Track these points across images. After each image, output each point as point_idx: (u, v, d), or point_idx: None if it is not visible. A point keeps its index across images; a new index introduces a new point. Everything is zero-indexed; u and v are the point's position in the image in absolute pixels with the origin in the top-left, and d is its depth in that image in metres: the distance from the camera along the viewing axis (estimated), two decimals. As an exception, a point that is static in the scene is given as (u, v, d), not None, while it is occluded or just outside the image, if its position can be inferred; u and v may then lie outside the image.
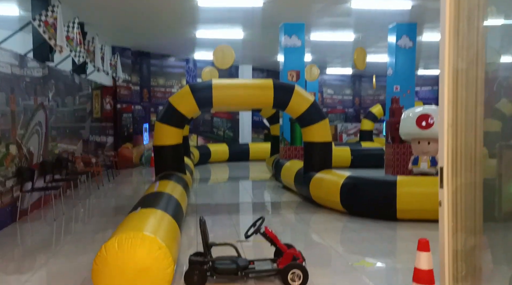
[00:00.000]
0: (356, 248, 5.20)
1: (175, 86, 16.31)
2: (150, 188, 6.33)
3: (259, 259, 4.35)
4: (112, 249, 3.42)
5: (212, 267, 4.04)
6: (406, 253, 5.00)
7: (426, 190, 6.24)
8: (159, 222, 4.13)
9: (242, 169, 14.42)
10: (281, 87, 7.78)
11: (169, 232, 4.04)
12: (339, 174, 7.15)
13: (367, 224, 6.30)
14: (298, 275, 3.89)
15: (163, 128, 7.72)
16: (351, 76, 21.26)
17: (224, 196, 9.31)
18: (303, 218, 6.86)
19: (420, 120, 7.38)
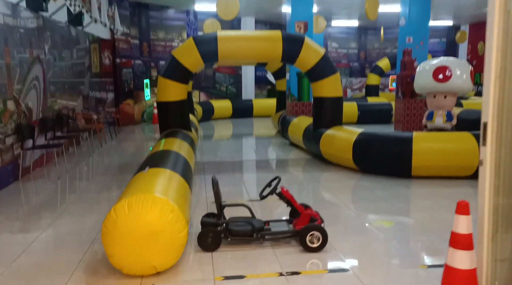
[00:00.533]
0: (372, 207, 5.02)
1: (175, 39, 15.73)
2: (156, 146, 6.08)
3: (274, 220, 4.17)
4: (122, 211, 3.20)
5: (226, 228, 3.85)
6: (423, 211, 4.82)
7: (442, 146, 6.00)
8: (169, 182, 3.89)
9: (246, 125, 14.15)
10: (290, 39, 7.35)
11: (180, 193, 3.81)
12: (351, 130, 6.88)
13: (380, 181, 6.10)
14: (317, 237, 3.71)
15: (167, 83, 7.37)
16: (357, 29, 20.53)
17: (230, 153, 9.09)
18: (313, 176, 6.66)
19: (437, 73, 7.02)
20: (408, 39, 9.84)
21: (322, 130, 7.37)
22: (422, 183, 6.00)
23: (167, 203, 3.29)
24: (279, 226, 4.02)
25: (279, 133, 11.58)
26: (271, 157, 8.45)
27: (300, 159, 8.00)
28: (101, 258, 3.67)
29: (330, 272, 3.33)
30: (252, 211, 4.19)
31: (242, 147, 10.12)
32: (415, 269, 3.37)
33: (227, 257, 3.67)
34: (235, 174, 6.99)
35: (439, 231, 4.16)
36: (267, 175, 6.75)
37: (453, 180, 6.07)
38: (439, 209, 4.89)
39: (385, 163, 6.28)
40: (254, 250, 3.79)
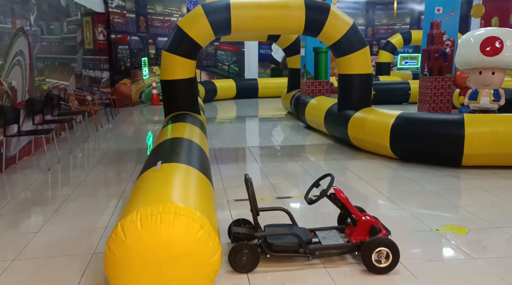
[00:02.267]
0: (427, 205, 4.15)
1: (174, 14, 14.62)
2: (163, 132, 5.16)
3: (321, 228, 3.30)
4: (133, 229, 2.31)
5: (266, 242, 2.98)
6: (493, 209, 3.95)
7: (500, 130, 5.12)
8: (189, 183, 2.99)
9: (252, 106, 13.20)
10: (314, 7, 6.36)
11: (205, 197, 2.92)
12: (387, 112, 5.97)
13: (425, 172, 5.23)
14: (385, 255, 2.84)
15: (172, 59, 6.39)
16: (365, 3, 19.41)
17: (241, 138, 8.19)
18: (342, 165, 5.78)
19: (485, 45, 6.10)
20: (437, 10, 8.85)
21: (350, 113, 6.45)
22: (475, 173, 5.14)
23: (195, 215, 2.39)
24: (331, 237, 3.15)
25: (290, 115, 10.66)
26: (287, 142, 7.55)
27: (322, 144, 7.11)
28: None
29: (414, 307, 2.48)
30: (292, 216, 3.32)
31: (252, 130, 9.21)
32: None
33: (268, 280, 2.80)
34: (251, 162, 6.10)
35: (528, 239, 3.32)
36: (290, 165, 5.87)
37: (508, 170, 5.22)
38: (509, 206, 4.04)
39: (430, 151, 5.40)
40: (302, 270, 2.93)
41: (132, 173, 5.51)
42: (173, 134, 4.74)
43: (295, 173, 5.49)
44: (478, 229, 3.56)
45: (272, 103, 13.24)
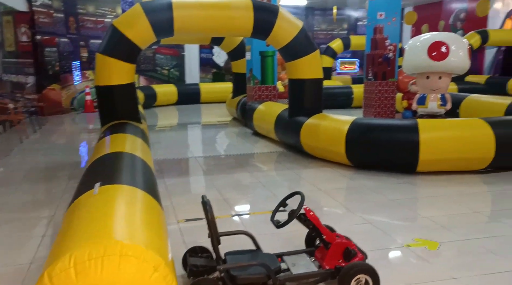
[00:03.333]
0: (394, 217, 3.93)
1: (108, 15, 13.74)
2: (100, 146, 4.54)
3: (289, 253, 2.92)
4: (65, 280, 1.79)
5: (229, 275, 2.55)
6: (461, 218, 3.80)
7: (453, 134, 5.07)
8: (135, 211, 2.48)
9: (195, 112, 12.66)
10: (263, 8, 6.03)
11: (156, 226, 2.42)
12: (341, 119, 5.75)
13: (383, 180, 5.06)
14: (365, 282, 2.52)
15: (109, 62, 5.76)
16: (305, 9, 19.55)
17: (186, 147, 7.67)
18: (297, 174, 5.48)
19: (432, 50, 6.08)
20: (380, 15, 8.87)
21: (302, 119, 6.18)
22: (431, 179, 5.04)
23: (146, 255, 1.91)
24: (301, 263, 2.78)
25: (236, 121, 10.28)
26: (236, 150, 7.14)
27: (272, 152, 6.78)
28: None
29: None
30: (256, 241, 2.92)
31: (197, 138, 8.71)
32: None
33: (236, 323, 2.37)
34: (199, 175, 5.63)
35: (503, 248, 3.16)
36: (242, 176, 5.47)
37: (463, 175, 5.18)
38: (475, 215, 3.92)
39: (386, 157, 5.24)
40: (272, 305, 2.53)
41: (63, 193, 4.83)
42: (112, 148, 4.15)
43: (248, 185, 5.10)
44: (449, 243, 3.36)
45: (216, 109, 12.79)
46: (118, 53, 5.75)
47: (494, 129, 5.04)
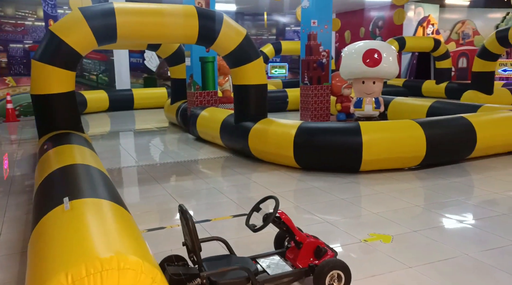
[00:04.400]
0: (347, 215, 4.20)
1: (29, 17, 12.95)
2: (46, 160, 4.33)
3: (261, 255, 3.04)
4: (64, 299, 1.76)
5: (210, 281, 2.60)
6: (407, 214, 4.16)
7: (391, 135, 5.50)
8: (118, 224, 2.46)
9: (130, 119, 12.31)
10: (207, 15, 6.10)
11: (139, 238, 2.42)
12: (288, 123, 5.98)
13: (331, 180, 5.35)
14: (338, 277, 2.71)
15: (47, 70, 5.50)
16: (235, 14, 19.79)
17: (128, 155, 7.48)
18: (248, 178, 5.61)
19: (366, 57, 6.54)
20: (313, 23, 9.31)
21: (249, 124, 6.33)
22: (373, 178, 5.42)
23: (143, 267, 1.93)
24: (275, 265, 2.91)
25: (174, 127, 10.19)
26: (181, 156, 7.11)
27: (219, 158, 6.85)
28: None
29: (381, 331, 2.37)
30: (230, 246, 3.00)
31: (139, 145, 8.50)
32: (472, 304, 2.61)
33: (222, 327, 2.44)
34: (150, 184, 5.55)
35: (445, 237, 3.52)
36: (195, 182, 5.49)
37: (399, 173, 5.63)
38: (416, 208, 4.31)
39: (332, 158, 5.55)
40: (252, 307, 2.63)
41: (4, 211, 4.53)
42: (62, 161, 3.99)
43: (203, 192, 5.13)
44: (400, 235, 3.68)
45: (152, 115, 12.55)
46: (56, 60, 5.52)
47: (424, 130, 5.55)
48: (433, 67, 16.50)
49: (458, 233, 3.74)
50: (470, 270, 3.05)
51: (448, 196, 4.70)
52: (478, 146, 5.86)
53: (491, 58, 11.06)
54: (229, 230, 3.90)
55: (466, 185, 5.13)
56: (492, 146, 6.11)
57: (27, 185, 5.60)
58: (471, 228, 3.83)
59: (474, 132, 5.82)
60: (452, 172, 5.61)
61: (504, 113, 6.43)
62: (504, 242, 3.51)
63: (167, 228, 3.99)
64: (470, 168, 5.83)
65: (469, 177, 5.50)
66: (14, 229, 4.04)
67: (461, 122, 5.93)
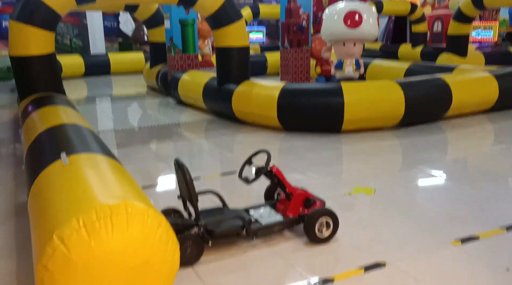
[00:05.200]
0: (332, 172, 4.38)
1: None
2: (30, 122, 4.31)
3: (253, 207, 3.19)
4: (77, 241, 1.86)
5: (207, 230, 2.74)
6: (385, 168, 4.38)
7: (372, 96, 5.66)
8: (119, 175, 2.55)
9: (107, 84, 12.11)
10: (188, -25, 6.00)
11: (135, 186, 2.52)
12: (270, 85, 6.06)
13: (314, 140, 5.50)
14: (326, 224, 2.90)
15: (25, 30, 5.35)
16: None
17: (110, 120, 7.45)
18: (233, 139, 5.73)
19: (347, 18, 6.60)
20: (293, -15, 9.25)
21: (232, 87, 6.37)
22: (354, 137, 5.60)
23: (150, 212, 2.05)
24: (267, 215, 3.07)
25: (154, 91, 10.11)
26: (165, 120, 7.14)
27: (203, 120, 6.92)
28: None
29: (367, 271, 2.56)
30: (223, 199, 3.14)
31: (118, 110, 8.44)
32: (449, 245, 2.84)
33: (220, 272, 2.60)
34: (136, 146, 5.60)
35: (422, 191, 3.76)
36: (181, 144, 5.57)
37: (378, 132, 5.84)
38: (395, 165, 4.54)
39: (315, 119, 5.69)
40: (246, 253, 2.79)
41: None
42: (50, 122, 3.98)
43: (188, 152, 5.23)
44: (381, 189, 3.88)
45: (130, 80, 12.37)
46: (35, 20, 5.37)
47: (403, 90, 5.72)
48: (409, 31, 16.66)
49: (434, 186, 3.98)
50: (445, 215, 3.29)
51: (426, 153, 4.94)
52: (453, 105, 6.10)
53: (466, 20, 11.26)
54: (218, 187, 4.02)
55: (442, 142, 5.39)
56: (467, 105, 6.37)
57: (10, 149, 5.57)
58: (447, 182, 4.07)
59: (450, 92, 6.04)
60: (429, 130, 5.85)
61: (478, 74, 6.67)
62: (476, 192, 3.76)
63: (158, 186, 4.09)
64: (446, 127, 6.08)
65: (445, 135, 5.75)
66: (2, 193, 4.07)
67: (438, 82, 6.13)
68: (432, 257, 2.68)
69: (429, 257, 2.68)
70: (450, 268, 2.57)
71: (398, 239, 2.93)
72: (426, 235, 2.97)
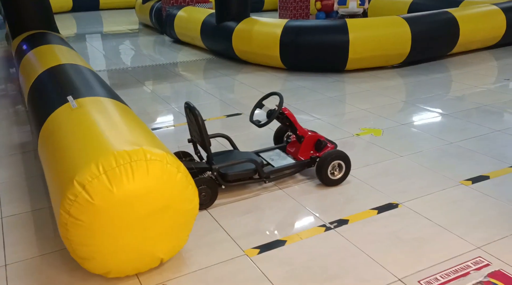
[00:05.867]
0: (338, 113, 4.34)
1: None
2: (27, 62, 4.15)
3: (264, 150, 3.17)
4: (99, 186, 1.83)
5: (220, 174, 2.74)
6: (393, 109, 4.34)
7: (378, 33, 5.49)
8: (132, 119, 2.48)
9: (97, 20, 11.63)
10: None
11: (150, 131, 2.47)
12: (272, 22, 5.83)
13: (317, 80, 5.41)
14: (339, 167, 2.90)
15: (11, -38, 5.01)
16: None
17: (101, 59, 7.22)
18: (236, 79, 5.60)
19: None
20: None
21: (232, 25, 6.14)
22: (358, 76, 5.51)
23: (168, 158, 2.01)
24: (278, 158, 3.06)
25: (148, 28, 9.76)
26: (162, 59, 6.93)
27: (201, 60, 6.73)
28: (60, 263, 2.27)
29: (380, 212, 2.61)
30: (233, 142, 3.11)
31: (112, 48, 8.17)
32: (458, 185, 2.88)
33: (234, 213, 2.63)
34: (134, 87, 5.47)
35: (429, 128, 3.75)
36: (180, 85, 5.44)
37: (381, 71, 5.74)
38: (401, 104, 4.49)
39: (318, 58, 5.55)
40: (260, 196, 2.82)
41: (-7, 113, 4.43)
42: (48, 62, 3.83)
43: (190, 93, 5.12)
44: (389, 129, 3.88)
45: (121, 16, 11.88)
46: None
47: (410, 26, 5.55)
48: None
49: (442, 124, 3.96)
50: (453, 155, 3.31)
51: (430, 91, 4.89)
52: (460, 41, 5.96)
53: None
54: (224, 130, 3.99)
55: (446, 80, 5.31)
56: (474, 40, 6.23)
57: (6, 87, 5.42)
58: (453, 120, 4.05)
59: (458, 27, 5.88)
60: (433, 69, 5.76)
61: (486, 7, 6.46)
62: (482, 130, 3.77)
63: (163, 128, 4.04)
64: (450, 64, 5.99)
65: (449, 73, 5.67)
66: (6, 131, 4.00)
67: (445, 17, 5.93)
68: (443, 195, 2.72)
69: (440, 196, 2.72)
70: (462, 204, 2.61)
71: (408, 180, 2.96)
72: (437, 176, 2.99)
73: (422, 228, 2.40)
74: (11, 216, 2.66)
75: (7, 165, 3.35)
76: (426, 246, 2.25)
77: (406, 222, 2.46)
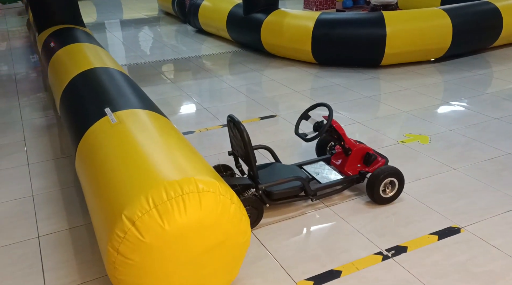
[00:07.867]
0: (378, 115, 4.10)
1: None
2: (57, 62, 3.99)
3: (307, 162, 2.98)
4: (150, 223, 1.66)
5: (265, 192, 2.56)
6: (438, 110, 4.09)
7: (417, 26, 5.19)
8: (176, 140, 2.30)
9: (117, 7, 11.42)
10: None
11: (196, 152, 2.29)
12: (304, 14, 5.56)
13: (350, 77, 5.16)
14: (391, 183, 2.69)
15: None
16: None
17: (127, 49, 7.04)
18: (264, 75, 5.38)
19: None
20: None
21: (261, 17, 5.88)
22: (394, 73, 5.24)
23: (221, 189, 1.84)
24: (323, 172, 2.87)
25: (169, 17, 9.53)
26: (187, 52, 6.72)
27: (227, 52, 6.50)
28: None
29: (441, 237, 2.40)
30: (275, 154, 2.92)
31: (137, 37, 7.97)
32: (522, 205, 2.66)
33: (282, 236, 2.46)
34: (160, 83, 5.29)
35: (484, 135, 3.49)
36: (209, 81, 5.25)
37: (418, 66, 5.45)
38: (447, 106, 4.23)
39: (353, 53, 5.28)
40: (308, 215, 2.63)
41: (20, 114, 4.31)
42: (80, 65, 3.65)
43: (219, 91, 4.92)
44: (437, 135, 3.63)
45: (141, 2, 11.65)
46: None
47: (451, 18, 5.23)
48: None
49: (495, 130, 3.69)
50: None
51: (476, 90, 4.61)
52: (503, 33, 5.63)
53: None
54: (258, 133, 3.80)
55: (491, 77, 5.01)
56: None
57: (33, 84, 5.30)
58: (507, 125, 3.77)
59: (501, 18, 5.54)
60: (474, 64, 5.45)
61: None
62: (540, 139, 3.50)
63: (196, 132, 3.87)
64: (492, 59, 5.66)
65: (493, 69, 5.34)
66: (37, 134, 3.88)
67: (488, 7, 5.59)
68: (509, 218, 2.51)
69: (506, 219, 2.50)
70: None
71: (467, 198, 2.74)
72: (498, 194, 2.77)
73: (492, 259, 2.20)
74: (48, 235, 2.53)
75: (41, 174, 3.22)
76: (500, 282, 2.05)
77: (472, 252, 2.26)
